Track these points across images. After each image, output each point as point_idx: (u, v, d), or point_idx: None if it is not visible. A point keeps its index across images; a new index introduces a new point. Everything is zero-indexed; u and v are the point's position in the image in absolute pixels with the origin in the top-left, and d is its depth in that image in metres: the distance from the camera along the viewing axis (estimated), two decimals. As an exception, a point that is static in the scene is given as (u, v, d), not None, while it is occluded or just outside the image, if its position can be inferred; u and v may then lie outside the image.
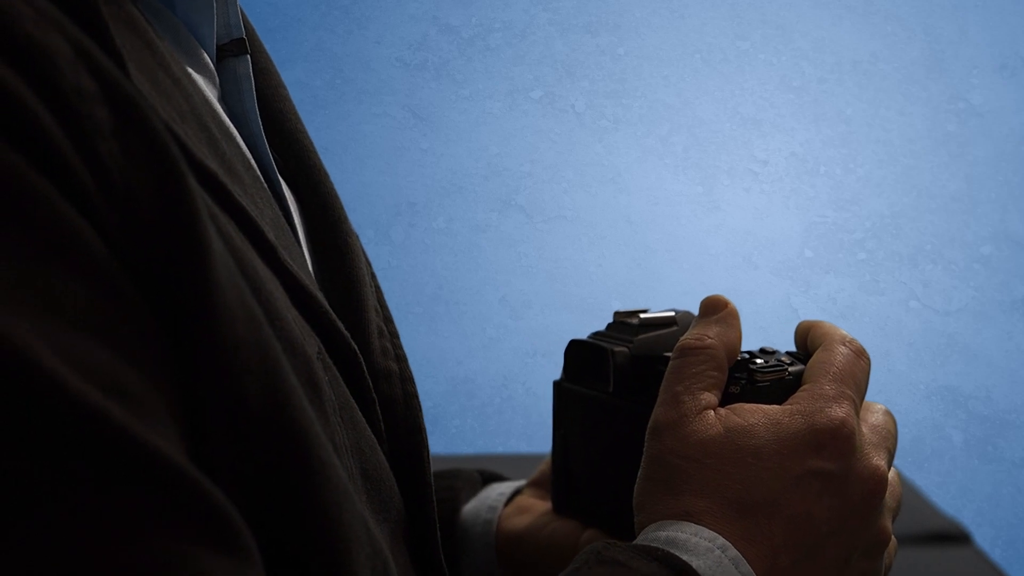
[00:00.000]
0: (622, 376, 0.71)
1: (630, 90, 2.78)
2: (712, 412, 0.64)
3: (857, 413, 0.65)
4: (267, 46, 0.72)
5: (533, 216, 2.71)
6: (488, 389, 2.55)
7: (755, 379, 0.66)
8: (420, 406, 0.66)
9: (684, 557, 0.59)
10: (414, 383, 0.67)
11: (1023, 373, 2.58)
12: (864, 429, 0.65)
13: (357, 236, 0.71)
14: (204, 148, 0.52)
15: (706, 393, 0.64)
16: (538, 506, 0.80)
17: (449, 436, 2.50)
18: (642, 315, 0.72)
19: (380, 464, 0.60)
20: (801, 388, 0.65)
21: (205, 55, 0.61)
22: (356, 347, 0.60)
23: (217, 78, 0.62)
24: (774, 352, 0.69)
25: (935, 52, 2.78)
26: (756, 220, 2.71)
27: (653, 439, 0.64)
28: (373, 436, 0.61)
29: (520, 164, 2.74)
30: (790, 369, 0.67)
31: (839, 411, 0.63)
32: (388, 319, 0.69)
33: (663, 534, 0.61)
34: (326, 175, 0.70)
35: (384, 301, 0.70)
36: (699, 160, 2.75)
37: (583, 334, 0.75)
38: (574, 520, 0.77)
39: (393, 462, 0.63)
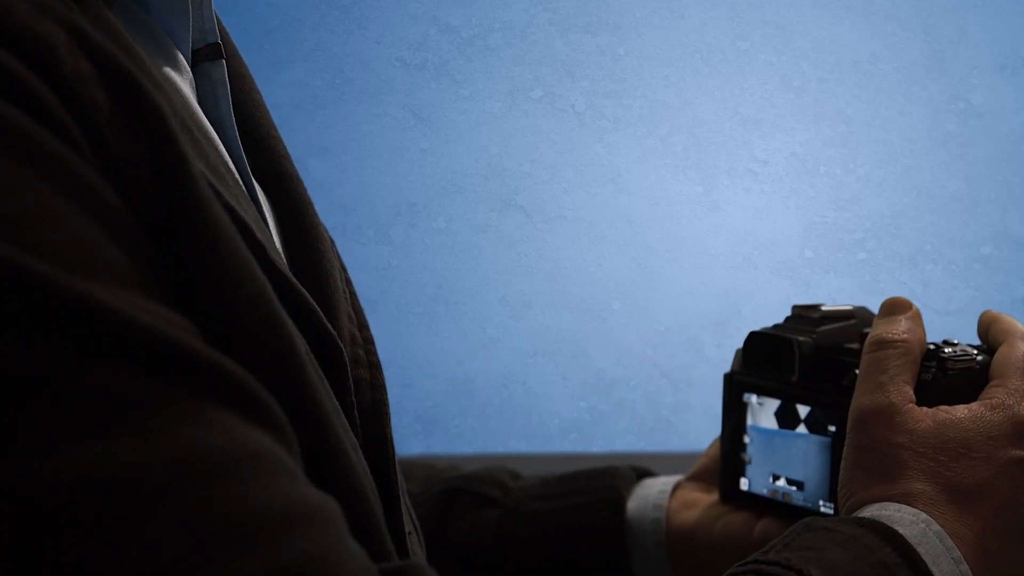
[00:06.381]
0: (807, 365, 0.75)
1: (630, 90, 2.78)
2: (917, 406, 0.69)
3: None
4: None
5: (533, 216, 2.71)
6: (488, 389, 2.55)
7: (946, 367, 0.70)
8: (388, 414, 0.67)
9: (891, 525, 0.63)
10: (385, 391, 0.67)
11: (1023, 373, 2.58)
12: None
13: (333, 242, 0.72)
14: (190, 150, 0.52)
15: (907, 386, 0.69)
16: (703, 499, 0.84)
17: (449, 436, 2.50)
18: (822, 308, 0.78)
19: (362, 466, 0.61)
20: (992, 384, 0.70)
21: (182, 58, 0.61)
22: (341, 345, 0.61)
23: (194, 82, 0.62)
24: (957, 343, 0.73)
25: (935, 52, 2.78)
26: (756, 220, 2.71)
27: (860, 428, 0.69)
28: (356, 439, 0.61)
29: (520, 164, 2.74)
30: (978, 359, 0.71)
31: None
32: (363, 325, 0.69)
33: (868, 511, 0.66)
34: (299, 180, 0.71)
35: (359, 307, 0.71)
36: (699, 160, 2.75)
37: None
38: (746, 509, 0.80)
39: None
